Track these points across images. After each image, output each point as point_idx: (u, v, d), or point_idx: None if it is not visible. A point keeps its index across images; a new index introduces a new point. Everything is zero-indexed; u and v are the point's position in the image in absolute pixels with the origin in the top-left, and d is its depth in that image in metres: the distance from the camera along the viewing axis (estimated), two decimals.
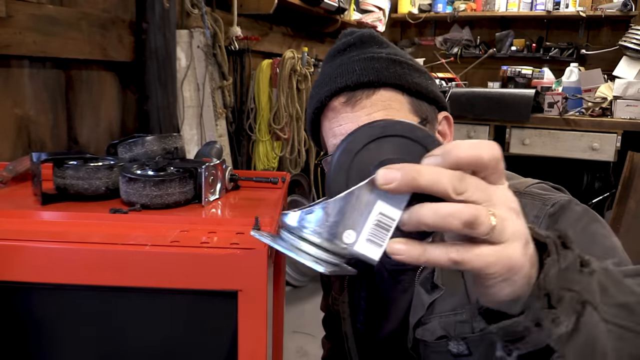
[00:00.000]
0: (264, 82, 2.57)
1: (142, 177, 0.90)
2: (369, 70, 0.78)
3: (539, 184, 0.87)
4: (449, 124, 0.88)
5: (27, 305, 0.77)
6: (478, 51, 4.20)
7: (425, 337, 0.83)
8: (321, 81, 0.83)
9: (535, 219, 0.79)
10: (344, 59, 0.81)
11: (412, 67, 0.82)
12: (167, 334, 0.78)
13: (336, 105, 0.79)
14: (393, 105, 0.78)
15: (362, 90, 0.77)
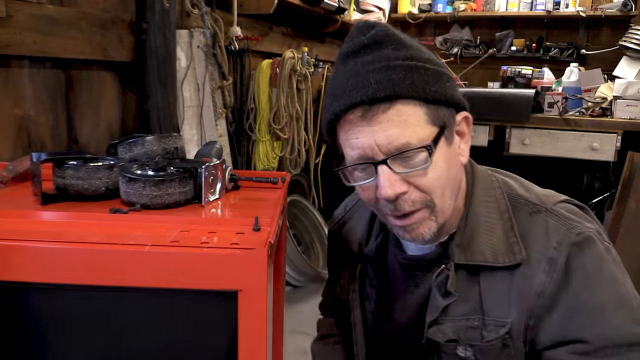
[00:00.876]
0: (264, 82, 2.57)
1: (142, 177, 0.90)
2: (384, 83, 0.75)
3: (565, 204, 0.87)
4: (468, 124, 0.88)
5: (27, 305, 0.77)
6: (478, 51, 4.20)
7: (437, 337, 0.84)
8: (336, 92, 0.80)
9: (557, 245, 0.79)
10: (358, 67, 0.78)
11: (430, 70, 0.78)
12: (167, 334, 0.78)
13: (352, 118, 0.78)
14: (410, 120, 0.76)
15: (378, 105, 0.75)
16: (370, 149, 0.77)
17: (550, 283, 0.79)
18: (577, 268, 0.78)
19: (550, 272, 0.79)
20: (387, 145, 0.76)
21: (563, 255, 0.79)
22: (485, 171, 0.92)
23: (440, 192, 0.79)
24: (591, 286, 0.77)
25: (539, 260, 0.80)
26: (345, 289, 1.03)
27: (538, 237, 0.82)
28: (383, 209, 0.81)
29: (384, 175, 0.76)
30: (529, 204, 0.86)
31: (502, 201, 0.86)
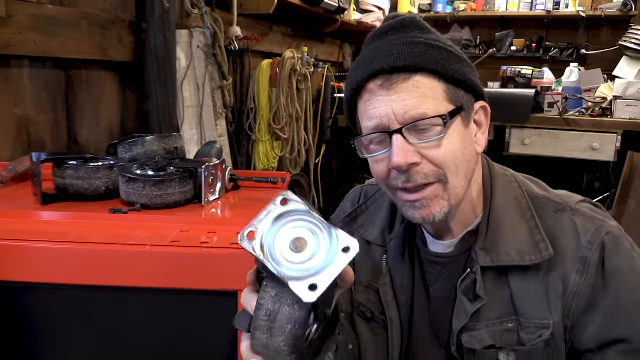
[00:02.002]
0: (264, 82, 2.57)
1: (142, 177, 0.90)
2: (406, 54, 0.77)
3: (585, 203, 0.88)
4: (486, 114, 0.87)
5: (27, 305, 0.77)
6: (478, 51, 4.20)
7: (473, 345, 0.82)
8: (359, 63, 0.83)
9: (589, 245, 0.80)
10: (383, 43, 0.81)
11: (452, 53, 0.81)
12: (167, 334, 0.78)
13: (372, 87, 0.79)
14: (428, 93, 0.77)
15: (398, 74, 0.77)
16: (387, 118, 0.78)
17: (584, 284, 0.79)
18: (612, 268, 0.79)
19: (583, 272, 0.79)
20: (403, 114, 0.76)
21: (596, 255, 0.79)
22: (504, 172, 0.92)
23: (454, 168, 0.79)
24: (629, 285, 0.78)
25: (572, 260, 0.80)
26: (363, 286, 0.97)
27: (568, 235, 0.82)
28: (394, 182, 0.80)
29: (397, 144, 0.76)
30: (552, 202, 0.86)
31: (523, 201, 0.86)
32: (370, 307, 0.94)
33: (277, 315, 0.53)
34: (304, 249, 0.52)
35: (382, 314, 0.93)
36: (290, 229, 0.53)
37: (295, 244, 0.53)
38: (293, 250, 0.52)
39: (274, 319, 0.53)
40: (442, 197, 0.79)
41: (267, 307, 0.53)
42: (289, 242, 0.53)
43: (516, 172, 0.94)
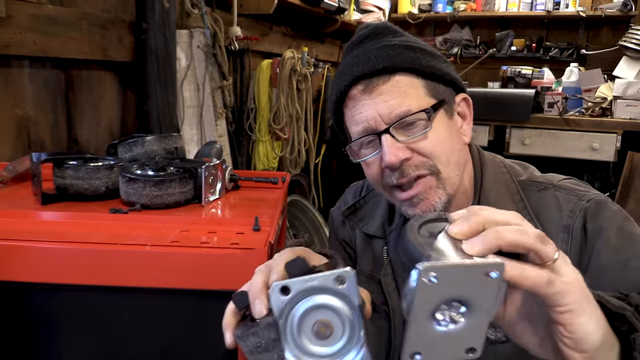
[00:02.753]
0: (264, 82, 2.57)
1: (142, 177, 0.90)
2: (383, 57, 0.81)
3: (569, 180, 0.90)
4: (468, 105, 0.90)
5: (27, 305, 0.77)
6: (478, 51, 4.20)
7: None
8: (340, 73, 0.86)
9: (571, 213, 0.82)
10: (360, 50, 0.84)
11: (425, 51, 0.84)
12: (167, 334, 0.78)
13: (355, 93, 0.82)
14: (409, 91, 0.80)
15: (378, 77, 0.80)
16: (373, 120, 0.80)
17: (571, 250, 0.80)
18: (595, 230, 0.80)
19: (568, 240, 0.81)
20: (388, 114, 0.79)
21: (578, 221, 0.81)
22: (493, 158, 0.94)
23: (444, 159, 0.81)
24: (611, 243, 0.78)
25: (556, 231, 0.82)
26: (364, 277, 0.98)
27: (550, 211, 0.84)
28: (388, 180, 0.82)
29: (387, 143, 0.79)
30: (535, 183, 0.89)
31: (512, 185, 0.89)
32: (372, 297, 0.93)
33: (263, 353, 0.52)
34: (325, 337, 0.50)
35: (384, 304, 0.94)
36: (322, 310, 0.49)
37: (320, 328, 0.49)
38: (314, 332, 0.50)
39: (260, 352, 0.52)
40: (437, 187, 0.81)
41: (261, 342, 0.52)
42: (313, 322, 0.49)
43: (504, 158, 0.96)
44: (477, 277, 0.46)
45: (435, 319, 0.47)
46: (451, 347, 0.47)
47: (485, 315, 0.47)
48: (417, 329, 0.47)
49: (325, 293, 0.49)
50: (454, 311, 0.47)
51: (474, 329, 0.47)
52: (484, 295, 0.46)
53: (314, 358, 0.50)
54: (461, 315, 0.47)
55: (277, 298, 0.49)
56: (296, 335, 0.50)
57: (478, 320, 0.47)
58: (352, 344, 0.50)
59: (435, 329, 0.47)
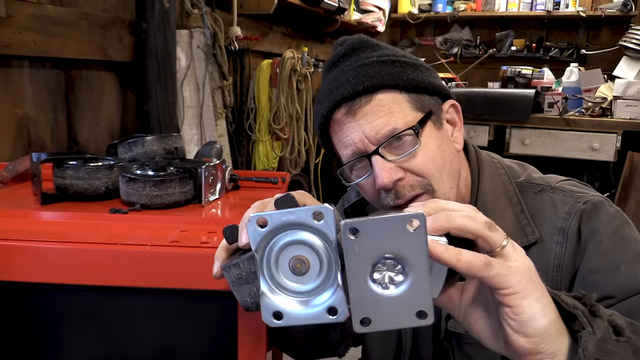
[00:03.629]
0: (264, 82, 2.57)
1: (142, 177, 0.90)
2: (362, 77, 0.79)
3: (568, 181, 0.88)
4: (457, 111, 0.88)
5: (27, 305, 0.77)
6: (478, 51, 4.20)
7: (458, 328, 0.82)
8: (320, 98, 0.85)
9: (567, 215, 0.80)
10: (337, 72, 0.83)
11: (405, 63, 0.82)
12: (167, 334, 0.78)
13: (339, 117, 0.81)
14: (393, 108, 0.78)
15: (360, 98, 0.78)
16: (361, 143, 0.79)
17: (565, 254, 0.79)
18: (589, 233, 0.78)
19: (563, 243, 0.79)
20: (375, 135, 0.78)
21: (573, 223, 0.79)
22: (491, 159, 0.93)
23: (437, 176, 0.80)
24: (603, 246, 0.77)
25: (551, 234, 0.80)
26: None
27: (546, 213, 0.83)
28: (384, 201, 0.81)
29: (378, 164, 0.77)
30: (533, 185, 0.87)
31: (510, 187, 0.87)
32: None
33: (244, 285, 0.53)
34: (301, 274, 0.50)
35: None
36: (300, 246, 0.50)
37: (296, 264, 0.50)
38: (290, 268, 0.50)
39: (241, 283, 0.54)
40: None
41: (242, 273, 0.53)
42: (290, 257, 0.50)
43: (502, 158, 0.94)
44: (399, 229, 0.46)
45: (375, 281, 0.48)
46: (400, 312, 0.48)
47: (423, 273, 0.47)
48: (358, 291, 0.48)
49: (303, 229, 0.49)
50: (392, 271, 0.48)
51: (417, 291, 0.48)
52: (413, 248, 0.47)
53: (288, 293, 0.50)
54: (400, 275, 0.48)
55: (253, 230, 0.49)
56: (273, 269, 0.50)
57: (418, 281, 0.47)
58: (327, 283, 0.50)
59: (377, 291, 0.48)
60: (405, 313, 0.48)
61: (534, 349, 0.50)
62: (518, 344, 0.50)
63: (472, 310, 0.54)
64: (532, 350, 0.50)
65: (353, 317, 0.48)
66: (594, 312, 0.53)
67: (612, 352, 0.51)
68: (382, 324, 0.48)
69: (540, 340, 0.49)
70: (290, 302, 0.50)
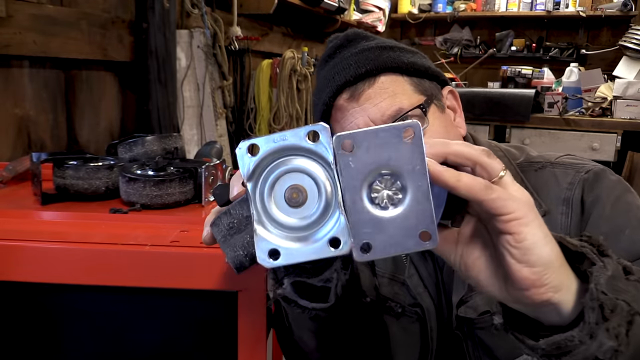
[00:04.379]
0: (264, 82, 2.57)
1: (142, 177, 0.90)
2: (363, 61, 0.78)
3: (567, 155, 0.88)
4: (455, 97, 0.88)
5: (27, 305, 0.77)
6: (478, 51, 4.20)
7: (469, 314, 0.80)
8: (319, 88, 0.83)
9: (570, 186, 0.80)
10: (336, 60, 0.82)
11: (403, 49, 0.83)
12: (167, 334, 0.78)
13: (342, 104, 0.79)
14: (396, 90, 0.78)
15: (362, 82, 0.78)
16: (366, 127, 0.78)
17: (571, 224, 0.79)
18: (592, 201, 0.78)
19: (568, 212, 0.79)
20: (381, 117, 0.76)
21: (577, 192, 0.79)
22: (489, 143, 0.92)
23: None
24: (605, 213, 0.77)
25: (555, 205, 0.80)
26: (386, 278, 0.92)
27: (549, 187, 0.82)
28: None
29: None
30: (532, 163, 0.87)
31: (511, 167, 0.86)
32: (399, 299, 0.89)
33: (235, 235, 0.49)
34: (297, 205, 0.44)
35: (414, 306, 0.89)
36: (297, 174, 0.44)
37: (292, 194, 0.44)
38: (286, 199, 0.44)
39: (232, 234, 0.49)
40: None
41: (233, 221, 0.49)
42: (285, 187, 0.44)
43: (498, 143, 0.94)
44: (395, 139, 0.43)
45: (373, 202, 0.44)
46: (401, 234, 0.44)
47: (423, 187, 0.44)
48: (356, 213, 0.44)
49: (298, 154, 0.44)
50: (390, 190, 0.44)
51: (419, 209, 0.44)
52: (410, 160, 0.44)
53: (285, 230, 0.45)
54: (399, 193, 0.44)
55: (243, 157, 0.44)
56: (267, 203, 0.45)
57: (419, 197, 0.44)
58: (327, 213, 0.45)
59: (376, 213, 0.44)
60: (407, 235, 0.44)
61: (538, 280, 0.46)
62: (521, 275, 0.46)
63: (469, 252, 0.51)
64: (536, 282, 0.46)
65: (354, 242, 0.44)
66: (603, 251, 0.51)
67: (622, 290, 0.48)
68: (384, 249, 0.44)
69: (543, 270, 0.46)
70: (288, 240, 0.45)
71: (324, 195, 0.44)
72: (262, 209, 0.45)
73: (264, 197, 0.45)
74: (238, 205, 0.49)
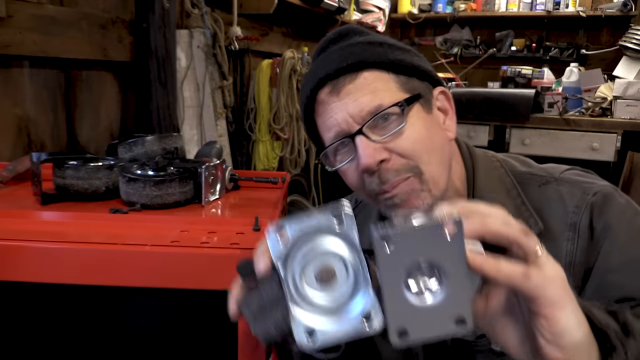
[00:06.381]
0: (264, 82, 2.57)
1: (142, 177, 0.90)
2: (347, 55, 0.77)
3: (572, 170, 0.84)
4: (448, 99, 0.84)
5: (27, 305, 0.77)
6: (478, 51, 4.20)
7: (466, 336, 0.78)
8: (305, 80, 0.82)
9: (576, 209, 0.76)
10: (325, 55, 0.81)
11: (394, 46, 0.80)
12: (167, 334, 0.78)
13: (323, 97, 0.78)
14: (379, 87, 0.75)
15: (344, 76, 0.76)
16: (345, 123, 0.75)
17: (577, 250, 0.76)
18: (603, 228, 0.75)
19: (575, 238, 0.76)
20: (359, 113, 0.74)
21: (584, 217, 0.76)
22: (485, 154, 0.89)
23: (425, 157, 0.75)
24: (619, 241, 0.73)
25: (561, 230, 0.77)
26: None
27: (554, 207, 0.79)
28: (370, 187, 0.76)
29: (362, 145, 0.73)
30: (535, 177, 0.83)
31: (507, 179, 0.83)
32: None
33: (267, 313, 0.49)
34: (328, 283, 0.47)
35: None
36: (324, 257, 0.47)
37: (322, 273, 0.47)
38: (317, 279, 0.47)
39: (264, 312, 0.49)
40: (421, 189, 0.75)
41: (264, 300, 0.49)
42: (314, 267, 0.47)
43: (497, 153, 0.91)
44: (436, 238, 0.44)
45: (410, 289, 0.46)
46: (437, 319, 0.46)
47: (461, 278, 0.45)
48: (394, 302, 0.45)
49: (325, 234, 0.47)
50: (428, 278, 0.46)
51: (455, 297, 0.45)
52: (450, 256, 0.45)
53: (318, 310, 0.47)
54: (436, 281, 0.46)
55: (274, 239, 0.46)
56: (298, 282, 0.47)
57: (456, 286, 0.45)
58: (357, 290, 0.47)
59: (413, 300, 0.46)
60: (443, 320, 0.46)
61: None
62: (551, 356, 0.48)
63: (499, 319, 0.52)
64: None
65: (390, 329, 0.45)
66: (628, 331, 0.51)
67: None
68: (420, 334, 0.46)
69: (574, 352, 0.48)
70: (323, 320, 0.47)
71: (351, 272, 0.47)
72: (295, 289, 0.47)
73: (295, 278, 0.47)
74: (268, 284, 0.49)
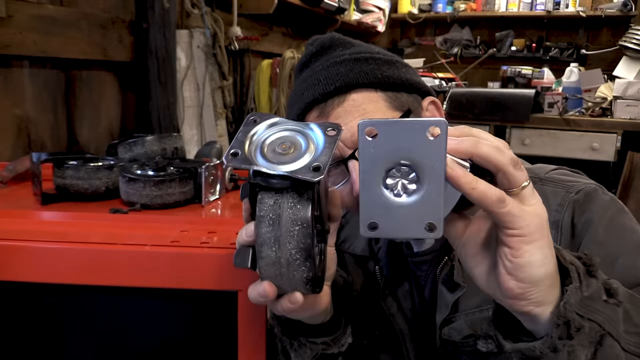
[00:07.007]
0: (264, 82, 2.57)
1: (142, 177, 0.90)
2: (333, 77, 0.74)
3: (558, 170, 0.84)
4: (437, 108, 0.83)
5: (27, 305, 0.77)
6: (478, 51, 4.20)
7: (453, 336, 0.79)
8: (291, 100, 0.80)
9: (559, 207, 0.76)
10: (308, 72, 0.78)
11: (380, 60, 0.78)
12: (167, 334, 0.78)
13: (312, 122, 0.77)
14: (368, 108, 0.74)
15: (332, 100, 0.74)
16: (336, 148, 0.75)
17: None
18: (584, 224, 0.75)
19: (557, 236, 0.75)
20: (350, 137, 0.73)
21: (567, 214, 0.75)
22: None
23: None
24: (598, 236, 0.73)
25: None
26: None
27: None
28: None
29: (355, 169, 0.72)
30: None
31: None
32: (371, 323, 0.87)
33: (280, 220, 0.48)
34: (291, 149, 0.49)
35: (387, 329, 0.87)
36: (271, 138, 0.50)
37: (281, 146, 0.49)
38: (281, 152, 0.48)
39: (278, 225, 0.48)
40: None
41: (269, 216, 0.48)
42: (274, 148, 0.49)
43: None
44: (419, 134, 0.45)
45: (388, 187, 0.47)
46: (409, 221, 0.47)
47: (438, 184, 0.46)
48: (369, 195, 0.47)
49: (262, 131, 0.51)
50: (406, 179, 0.47)
51: (430, 202, 0.46)
52: (430, 157, 0.45)
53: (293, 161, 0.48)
54: (414, 184, 0.47)
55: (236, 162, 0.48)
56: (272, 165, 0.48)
57: (432, 191, 0.46)
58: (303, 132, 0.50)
59: (388, 197, 0.47)
60: (414, 223, 0.47)
61: (522, 294, 0.48)
62: (507, 286, 0.48)
63: (472, 245, 0.52)
64: (519, 296, 0.48)
65: (360, 220, 0.47)
66: (591, 272, 0.51)
67: (597, 310, 0.49)
68: (389, 231, 0.47)
69: (530, 286, 0.48)
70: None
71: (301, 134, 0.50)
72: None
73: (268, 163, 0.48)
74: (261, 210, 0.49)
